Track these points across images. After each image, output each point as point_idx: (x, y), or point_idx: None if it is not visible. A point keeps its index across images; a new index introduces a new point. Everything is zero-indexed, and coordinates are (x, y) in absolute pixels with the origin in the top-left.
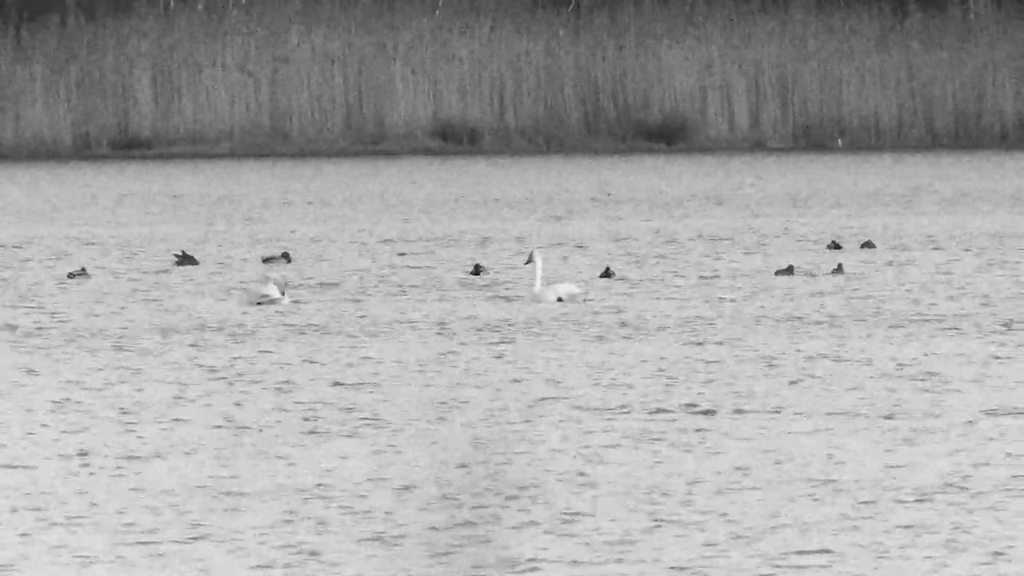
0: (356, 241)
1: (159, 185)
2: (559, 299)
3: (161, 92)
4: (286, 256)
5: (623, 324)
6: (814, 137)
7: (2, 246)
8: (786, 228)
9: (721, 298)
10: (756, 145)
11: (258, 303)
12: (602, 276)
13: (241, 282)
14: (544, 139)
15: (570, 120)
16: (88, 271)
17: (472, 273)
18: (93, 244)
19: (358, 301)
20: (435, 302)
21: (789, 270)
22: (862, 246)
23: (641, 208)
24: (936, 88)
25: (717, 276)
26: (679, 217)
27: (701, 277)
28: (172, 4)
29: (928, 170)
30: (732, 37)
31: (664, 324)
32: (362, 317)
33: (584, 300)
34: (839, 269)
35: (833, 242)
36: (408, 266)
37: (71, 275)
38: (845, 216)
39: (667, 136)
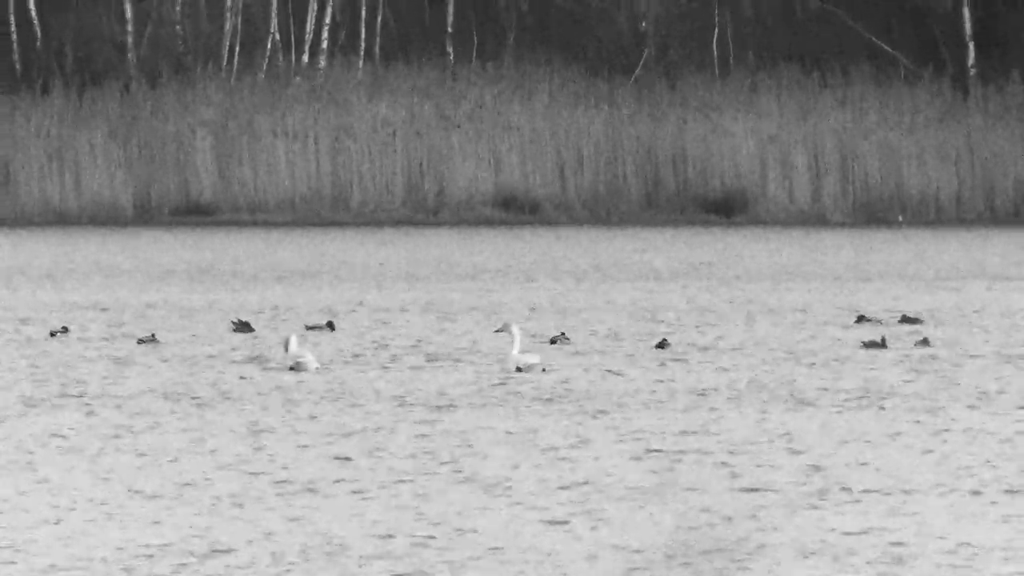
0: (405, 309)
1: (219, 252)
2: (518, 368)
3: (222, 159)
4: (330, 325)
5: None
6: (874, 211)
7: (83, 308)
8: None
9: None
10: (816, 219)
11: (291, 367)
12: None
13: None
14: (604, 210)
15: (630, 191)
16: (157, 336)
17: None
18: (154, 308)
19: (385, 369)
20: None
21: (882, 342)
22: (901, 320)
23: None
24: (997, 163)
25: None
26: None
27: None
28: (235, 72)
29: (984, 245)
30: (793, 111)
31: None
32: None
33: (543, 370)
34: (924, 342)
35: (905, 316)
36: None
37: (140, 341)
38: (904, 291)
39: (727, 209)
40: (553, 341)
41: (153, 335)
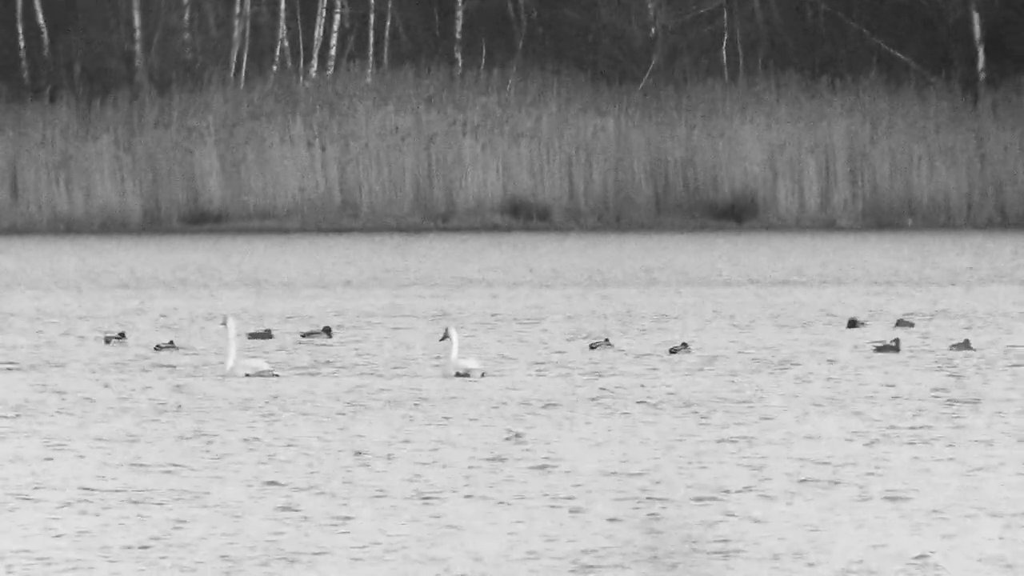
0: (410, 316)
1: (226, 258)
2: (457, 374)
3: (230, 166)
4: (327, 331)
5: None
6: (884, 216)
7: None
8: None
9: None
10: (826, 224)
11: (246, 375)
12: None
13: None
14: (614, 216)
15: (640, 197)
16: (176, 343)
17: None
18: (166, 316)
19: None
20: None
21: (896, 345)
22: (897, 324)
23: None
24: (1006, 168)
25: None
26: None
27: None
28: (243, 79)
29: (995, 248)
30: (802, 116)
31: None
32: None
33: (482, 375)
34: (966, 344)
35: (900, 319)
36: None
37: (158, 347)
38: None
39: (737, 215)
40: (595, 346)
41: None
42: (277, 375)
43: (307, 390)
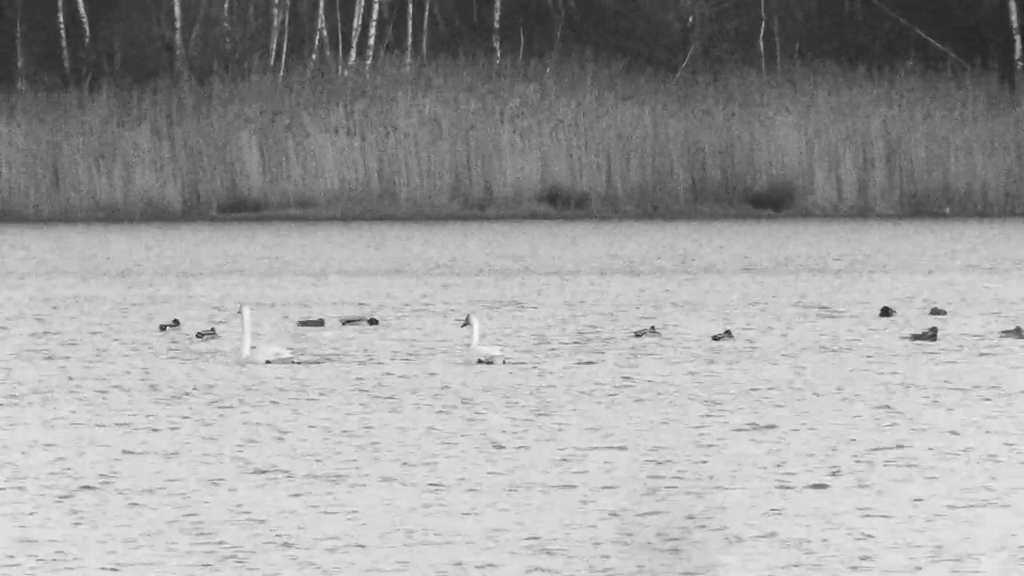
0: (448, 304)
1: (265, 247)
2: (479, 360)
3: (270, 155)
4: (373, 321)
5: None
6: (920, 204)
7: (166, 301)
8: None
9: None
10: (863, 212)
11: (267, 361)
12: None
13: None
14: (651, 204)
15: (677, 186)
16: (217, 332)
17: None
18: (193, 305)
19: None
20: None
21: (932, 334)
22: (932, 312)
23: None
24: None
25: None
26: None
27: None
28: (282, 68)
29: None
30: (839, 104)
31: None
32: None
33: (504, 362)
34: (1017, 332)
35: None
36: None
37: (200, 335)
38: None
39: (774, 203)
40: (640, 334)
41: (176, 321)
42: (297, 361)
43: (326, 377)
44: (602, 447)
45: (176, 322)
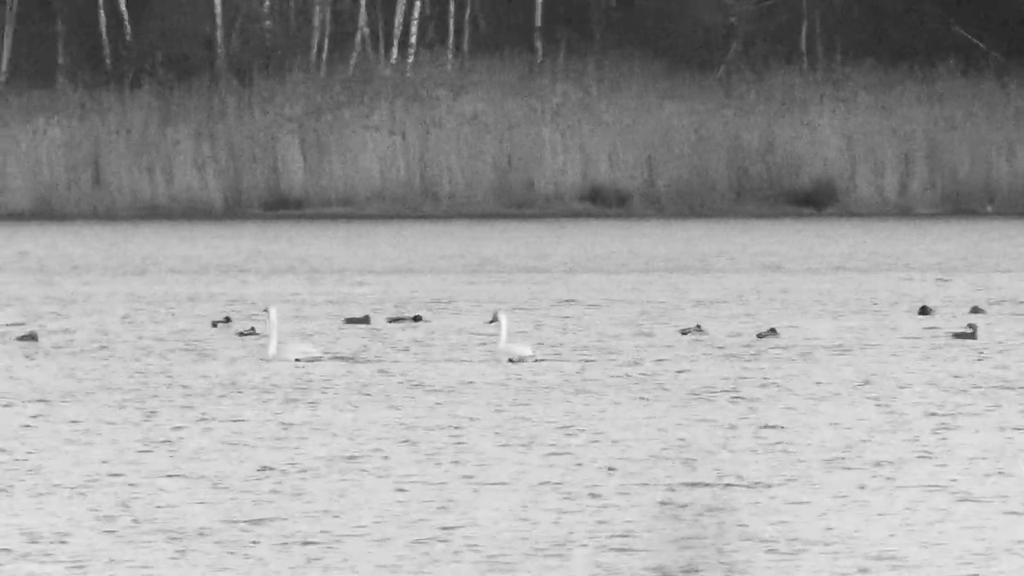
0: (495, 301)
1: (307, 245)
2: (510, 360)
3: (311, 153)
4: (417, 319)
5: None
6: (963, 202)
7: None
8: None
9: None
10: (904, 211)
11: (296, 359)
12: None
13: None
14: (693, 203)
15: (718, 184)
16: (257, 330)
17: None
18: (238, 303)
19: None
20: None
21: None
22: (972, 311)
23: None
24: None
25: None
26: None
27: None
28: (324, 66)
29: None
30: (880, 103)
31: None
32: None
33: (534, 361)
34: None
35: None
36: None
37: (240, 334)
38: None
39: (816, 201)
40: (686, 332)
41: (252, 328)
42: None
43: (352, 374)
44: (645, 443)
45: (227, 319)
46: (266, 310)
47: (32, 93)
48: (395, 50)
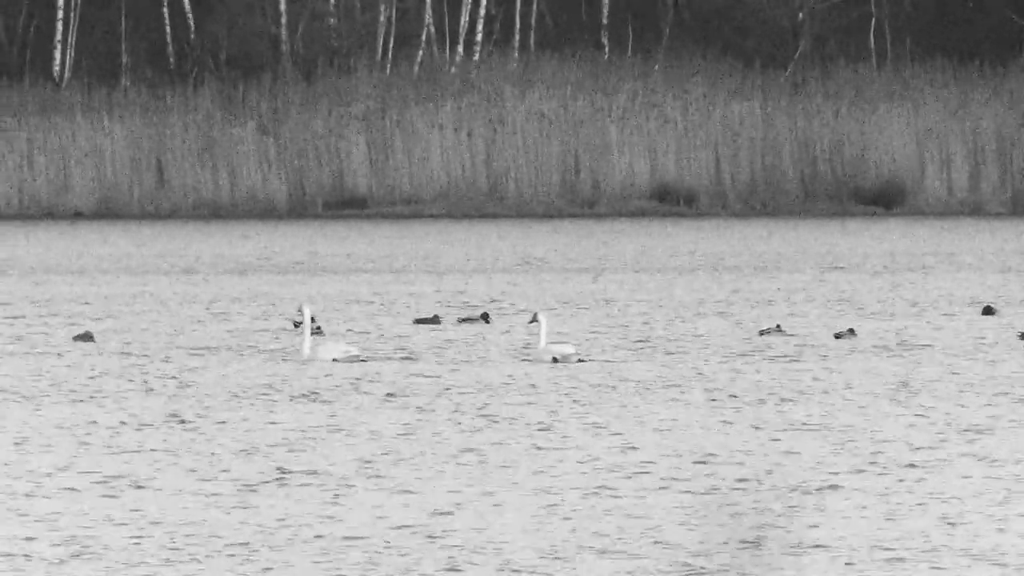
0: (566, 302)
1: (372, 244)
2: (554, 359)
3: (376, 152)
4: (485, 317)
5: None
6: None
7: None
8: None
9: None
10: (974, 210)
11: (334, 359)
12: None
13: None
14: (760, 202)
15: (787, 183)
16: (323, 329)
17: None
18: (354, 302)
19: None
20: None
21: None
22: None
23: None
24: None
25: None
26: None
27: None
28: (389, 64)
29: None
30: (949, 102)
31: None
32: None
33: (577, 360)
34: None
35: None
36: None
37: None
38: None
39: (884, 200)
40: (766, 332)
41: (319, 328)
42: (364, 359)
43: (391, 374)
44: (722, 444)
45: (318, 329)
46: (300, 309)
47: (95, 92)
48: (460, 48)
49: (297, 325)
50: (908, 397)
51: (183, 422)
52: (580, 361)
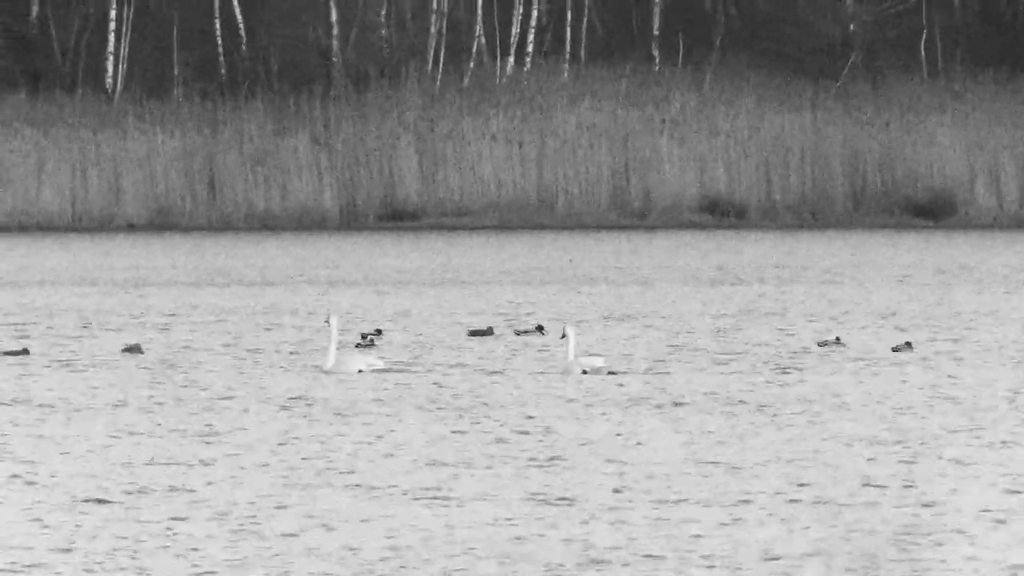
0: (606, 315)
1: (425, 256)
2: (584, 372)
3: (427, 164)
4: (540, 329)
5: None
6: None
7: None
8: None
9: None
10: None
11: (359, 370)
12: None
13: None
14: (811, 213)
15: (836, 195)
16: (375, 342)
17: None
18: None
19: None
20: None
21: None
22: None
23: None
24: None
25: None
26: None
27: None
28: (440, 75)
29: None
30: (1000, 113)
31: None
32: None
33: (608, 373)
34: None
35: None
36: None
37: (357, 346)
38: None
39: (934, 212)
40: (824, 344)
41: (373, 338)
42: (611, 371)
43: (412, 386)
44: (786, 457)
45: (379, 331)
46: (327, 321)
47: (147, 104)
48: (511, 59)
49: (364, 337)
50: (996, 408)
51: (214, 434)
52: (611, 374)
